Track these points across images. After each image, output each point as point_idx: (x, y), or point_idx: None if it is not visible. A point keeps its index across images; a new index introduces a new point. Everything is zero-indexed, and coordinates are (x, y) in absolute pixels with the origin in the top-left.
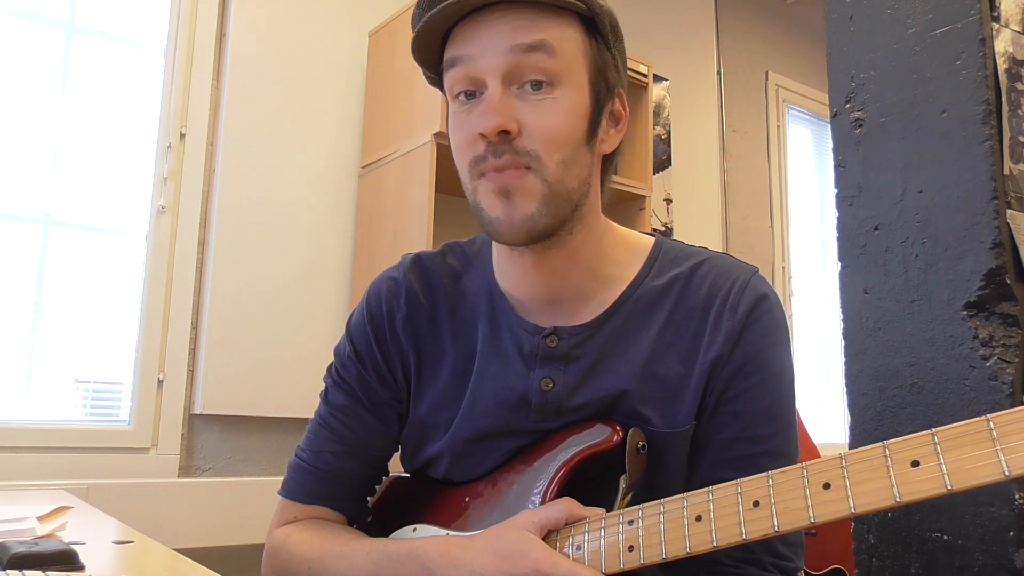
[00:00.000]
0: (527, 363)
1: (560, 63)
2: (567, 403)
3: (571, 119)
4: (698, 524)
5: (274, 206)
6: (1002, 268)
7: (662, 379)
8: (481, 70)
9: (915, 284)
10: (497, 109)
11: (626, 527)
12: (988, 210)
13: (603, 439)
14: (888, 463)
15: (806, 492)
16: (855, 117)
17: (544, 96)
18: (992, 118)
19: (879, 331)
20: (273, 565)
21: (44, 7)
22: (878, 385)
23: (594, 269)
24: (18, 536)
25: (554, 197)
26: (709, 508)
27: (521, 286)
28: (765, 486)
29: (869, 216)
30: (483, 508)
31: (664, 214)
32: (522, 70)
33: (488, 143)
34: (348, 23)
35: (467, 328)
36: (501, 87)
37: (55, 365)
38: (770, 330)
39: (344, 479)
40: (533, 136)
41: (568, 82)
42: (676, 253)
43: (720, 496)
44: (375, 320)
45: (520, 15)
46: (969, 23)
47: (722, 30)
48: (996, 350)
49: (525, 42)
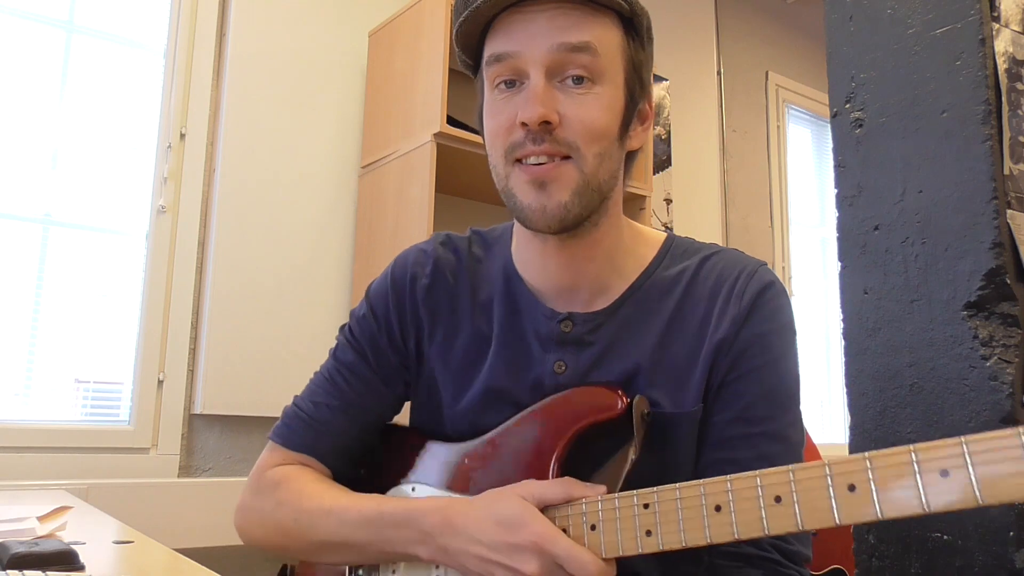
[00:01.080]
0: (543, 346)
1: (602, 62)
2: (579, 386)
3: (609, 114)
4: (718, 514)
5: (274, 206)
6: (1002, 268)
7: (670, 364)
8: (525, 61)
9: (915, 284)
10: (541, 99)
11: (641, 510)
12: (988, 210)
13: (607, 405)
14: (916, 470)
15: (830, 493)
16: (855, 117)
17: (585, 91)
18: (992, 118)
19: (879, 331)
20: (253, 506)
21: (44, 7)
22: (878, 385)
23: (613, 260)
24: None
25: (587, 188)
26: (728, 499)
27: (541, 273)
28: (787, 481)
29: (869, 216)
30: (484, 471)
31: (664, 214)
32: (565, 66)
33: (528, 131)
34: (348, 23)
35: (485, 309)
36: (544, 79)
37: (55, 365)
38: (774, 316)
39: (336, 435)
40: (573, 128)
41: (607, 79)
42: (687, 247)
43: (740, 488)
44: (397, 284)
45: (566, 13)
46: (969, 23)
47: (722, 30)
48: (996, 350)
49: (571, 42)
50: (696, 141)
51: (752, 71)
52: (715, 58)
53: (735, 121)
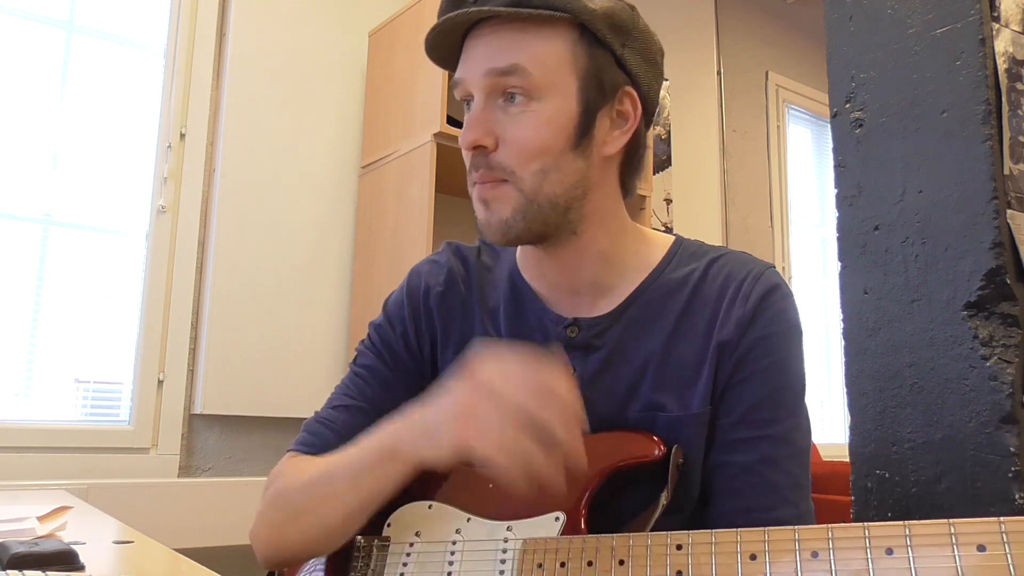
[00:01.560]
0: None
1: (537, 79)
2: (585, 392)
3: (550, 129)
4: (752, 563)
5: (274, 206)
6: (1002, 268)
7: (678, 365)
8: (470, 85)
9: (915, 284)
10: (474, 124)
11: (674, 550)
12: (988, 210)
13: (645, 451)
14: (953, 542)
15: (868, 555)
16: (855, 117)
17: (522, 109)
18: (992, 118)
19: (879, 331)
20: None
21: (44, 7)
22: (878, 385)
23: (611, 262)
24: (18, 536)
25: (531, 205)
26: (764, 549)
27: (541, 279)
28: (825, 539)
29: (869, 216)
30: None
31: (664, 214)
32: (500, 88)
33: (471, 155)
34: (348, 23)
35: (493, 316)
36: (484, 100)
37: (55, 365)
38: (780, 318)
39: (353, 433)
40: (508, 151)
41: (548, 94)
42: (695, 250)
43: (776, 539)
44: (412, 293)
45: (501, 35)
46: (969, 23)
47: (722, 30)
48: (996, 350)
49: (498, 67)
50: (696, 141)
51: (752, 71)
52: (715, 58)
53: (735, 121)
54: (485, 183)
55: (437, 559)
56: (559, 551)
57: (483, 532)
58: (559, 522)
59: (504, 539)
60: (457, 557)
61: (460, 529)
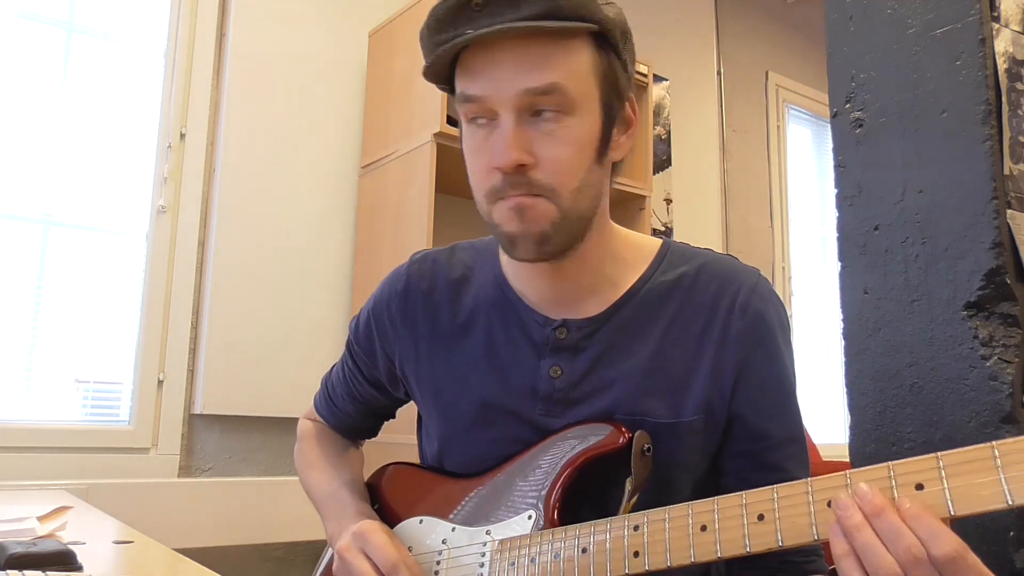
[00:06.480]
0: (538, 352)
1: (572, 95)
2: (573, 393)
3: (583, 145)
4: (703, 534)
5: (274, 206)
6: (1002, 268)
7: (668, 372)
8: (495, 103)
9: (915, 284)
10: (512, 143)
11: (631, 532)
12: (988, 210)
13: (608, 440)
14: (892, 484)
15: (810, 509)
16: (855, 117)
17: (557, 124)
18: (992, 118)
19: (879, 331)
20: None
21: (44, 7)
22: (878, 385)
23: (602, 269)
24: (18, 536)
25: (566, 221)
26: (714, 518)
27: (532, 288)
28: (770, 499)
29: (869, 216)
30: (487, 504)
31: (664, 214)
32: (534, 106)
33: (504, 175)
34: (348, 23)
35: (473, 317)
36: (515, 119)
37: (55, 365)
38: (776, 330)
39: (345, 416)
40: (547, 169)
41: (580, 107)
42: (684, 251)
43: (725, 507)
44: (376, 307)
45: (531, 53)
46: (969, 23)
47: (722, 30)
48: (996, 350)
49: (537, 86)
50: (696, 141)
51: (752, 71)
52: (715, 58)
53: (735, 121)
54: (523, 196)
55: (426, 568)
56: (530, 547)
57: (466, 539)
58: (532, 520)
59: (483, 543)
60: (443, 565)
61: (446, 539)
